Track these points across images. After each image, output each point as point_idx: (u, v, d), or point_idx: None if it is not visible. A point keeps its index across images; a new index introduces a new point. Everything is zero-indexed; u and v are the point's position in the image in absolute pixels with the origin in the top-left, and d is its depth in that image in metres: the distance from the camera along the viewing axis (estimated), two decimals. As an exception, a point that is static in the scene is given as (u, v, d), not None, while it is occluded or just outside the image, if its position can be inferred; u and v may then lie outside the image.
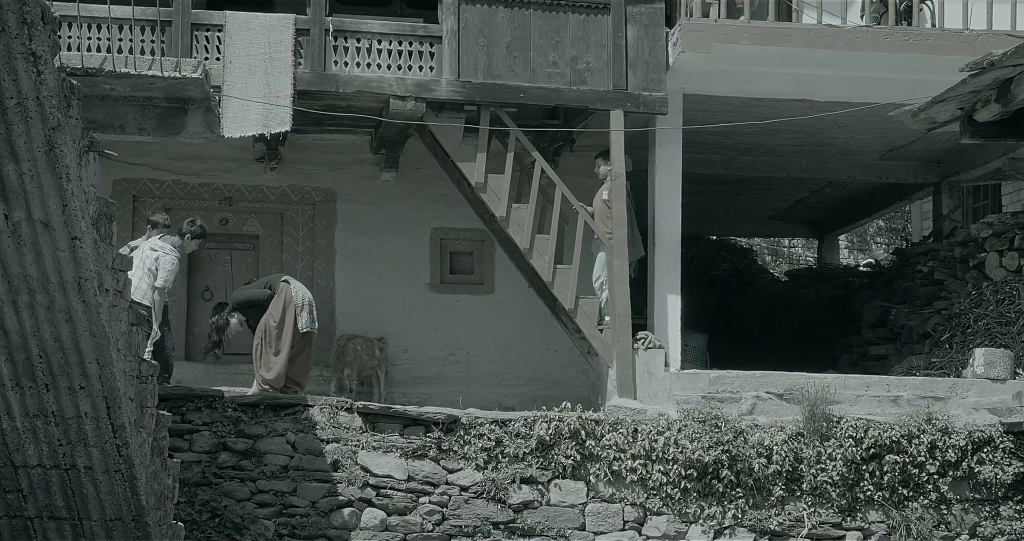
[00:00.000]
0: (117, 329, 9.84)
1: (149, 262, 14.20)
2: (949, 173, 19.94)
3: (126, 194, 17.10)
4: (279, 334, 14.66)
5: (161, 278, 14.24)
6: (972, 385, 15.35)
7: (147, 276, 14.13)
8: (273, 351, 14.65)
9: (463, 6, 15.37)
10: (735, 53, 15.43)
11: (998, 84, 12.89)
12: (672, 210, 16.00)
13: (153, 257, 14.26)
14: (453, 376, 17.41)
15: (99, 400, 9.95)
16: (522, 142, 15.66)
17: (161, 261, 14.29)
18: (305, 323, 14.73)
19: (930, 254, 19.01)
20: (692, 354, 16.85)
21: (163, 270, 14.27)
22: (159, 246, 14.38)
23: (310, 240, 17.50)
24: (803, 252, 33.43)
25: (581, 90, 15.52)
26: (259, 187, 17.56)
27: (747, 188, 21.94)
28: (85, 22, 14.36)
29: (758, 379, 15.31)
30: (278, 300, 14.73)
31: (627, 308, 15.37)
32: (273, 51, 14.92)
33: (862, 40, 15.46)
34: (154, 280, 14.19)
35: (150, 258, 14.23)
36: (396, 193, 17.61)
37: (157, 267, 14.22)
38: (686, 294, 16.21)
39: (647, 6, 15.66)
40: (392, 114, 15.26)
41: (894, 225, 31.77)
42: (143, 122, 14.02)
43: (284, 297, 14.74)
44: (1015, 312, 16.32)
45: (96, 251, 9.26)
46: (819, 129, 17.54)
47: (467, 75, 15.33)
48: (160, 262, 14.27)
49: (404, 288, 17.59)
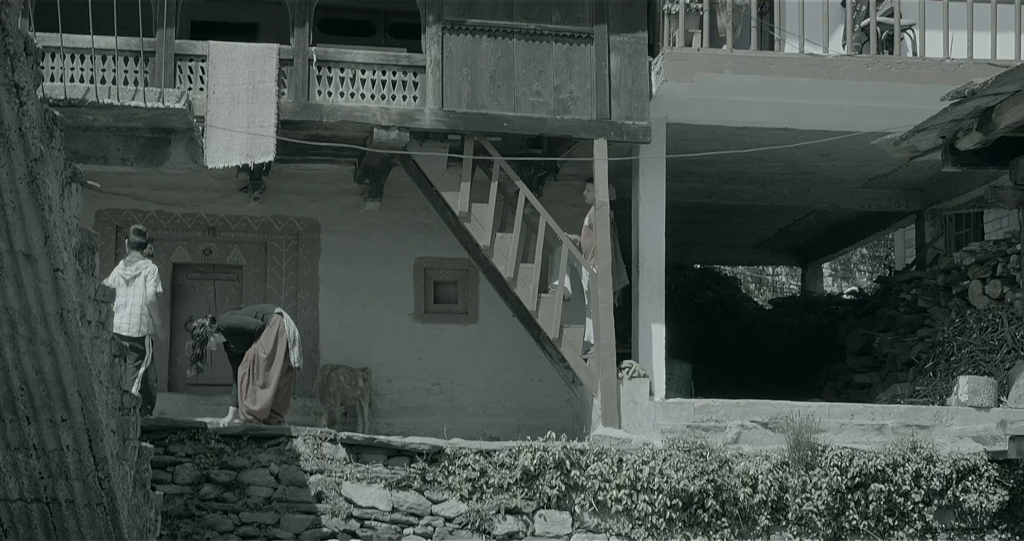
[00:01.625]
0: (99, 361, 9.80)
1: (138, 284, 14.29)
2: (932, 201, 19.99)
3: (109, 224, 17.06)
4: (268, 366, 14.61)
5: (155, 285, 14.34)
6: (956, 413, 15.34)
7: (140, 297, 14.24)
8: (261, 383, 14.60)
9: (447, 36, 15.40)
10: (718, 82, 15.46)
11: (979, 113, 12.95)
12: (656, 239, 16.00)
13: (141, 275, 14.34)
14: (437, 406, 17.37)
15: (81, 433, 9.91)
16: (506, 171, 15.67)
17: (146, 272, 14.38)
18: (296, 358, 14.72)
19: (913, 282, 19.03)
20: (677, 383, 16.83)
21: (151, 277, 14.35)
22: (139, 265, 14.44)
23: (294, 270, 17.47)
24: (787, 280, 33.48)
25: (565, 119, 15.54)
26: (242, 217, 17.53)
27: (731, 216, 21.97)
28: (68, 53, 14.35)
29: (743, 408, 15.30)
30: (271, 332, 14.68)
31: (611, 337, 15.35)
32: (257, 81, 14.91)
33: (844, 69, 15.51)
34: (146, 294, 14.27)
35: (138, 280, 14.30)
36: (380, 223, 17.59)
37: (144, 282, 14.31)
38: (670, 323, 16.19)
39: (630, 35, 15.69)
40: (376, 144, 15.26)
41: (877, 253, 31.83)
42: (126, 153, 14.01)
43: (277, 329, 14.70)
44: (998, 340, 16.32)
45: (78, 282, 9.23)
46: (802, 157, 17.58)
47: (451, 105, 15.34)
48: (145, 273, 14.36)
49: (388, 318, 17.56)
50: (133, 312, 14.24)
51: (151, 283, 14.38)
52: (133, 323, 14.22)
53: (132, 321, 14.22)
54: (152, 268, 14.51)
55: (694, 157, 16.57)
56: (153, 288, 14.38)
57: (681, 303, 21.65)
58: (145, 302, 14.32)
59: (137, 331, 14.23)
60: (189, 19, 16.79)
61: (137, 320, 14.26)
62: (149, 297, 14.34)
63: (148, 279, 14.39)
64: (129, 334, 14.04)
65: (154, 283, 14.40)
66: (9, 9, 7.61)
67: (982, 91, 12.35)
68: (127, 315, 14.14)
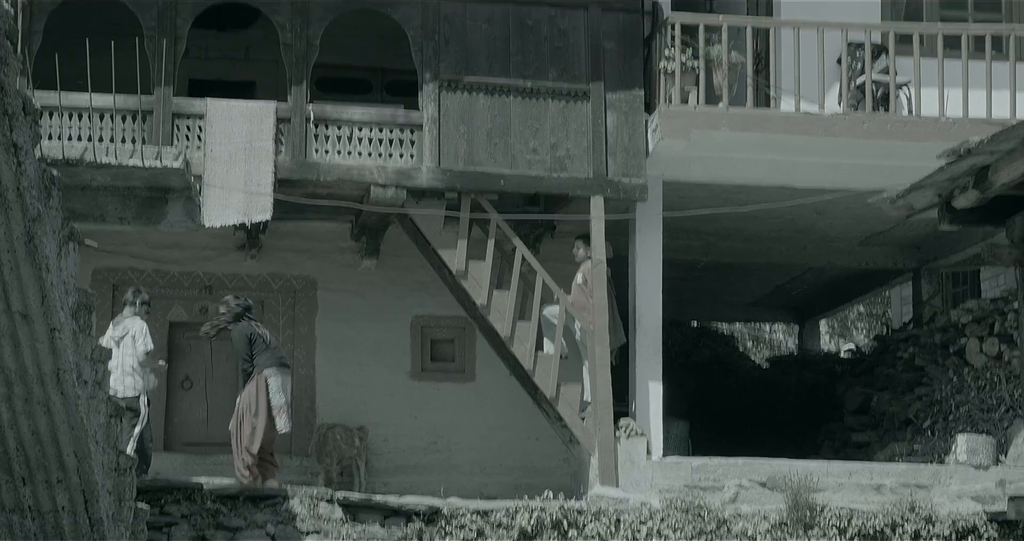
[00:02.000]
0: (95, 421, 9.75)
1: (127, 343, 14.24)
2: (928, 259, 19.99)
3: (106, 283, 17.04)
4: (255, 413, 14.35)
5: (144, 344, 14.25)
6: (955, 472, 15.29)
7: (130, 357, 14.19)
8: (250, 428, 14.34)
9: (444, 93, 15.45)
10: (714, 139, 15.50)
11: (975, 171, 12.95)
12: (653, 296, 15.99)
13: (129, 334, 14.30)
14: (434, 465, 17.29)
15: (77, 494, 9.85)
16: (503, 229, 15.68)
17: (134, 330, 14.30)
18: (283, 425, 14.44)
19: (910, 340, 18.99)
20: (674, 442, 16.76)
21: (140, 335, 14.27)
22: (126, 324, 14.40)
23: (290, 328, 17.43)
24: (784, 338, 33.43)
25: (561, 177, 15.57)
26: (239, 275, 17.52)
27: (727, 274, 21.96)
28: (66, 111, 14.40)
29: (740, 467, 15.24)
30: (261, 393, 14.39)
31: (608, 395, 15.31)
32: (254, 139, 14.95)
33: (840, 127, 15.56)
34: (136, 353, 14.20)
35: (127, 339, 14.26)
36: (377, 281, 17.58)
37: (133, 341, 14.24)
38: (667, 381, 16.16)
39: (626, 93, 15.75)
40: (373, 202, 15.28)
41: (874, 311, 31.81)
42: (123, 211, 13.98)
43: (265, 388, 14.43)
44: (996, 398, 16.29)
45: (75, 342, 9.19)
46: (798, 215, 17.59)
47: (448, 162, 15.37)
48: (133, 332, 14.29)
49: (385, 376, 17.51)
50: (125, 372, 14.19)
51: (140, 341, 14.32)
52: (127, 383, 14.17)
53: (126, 381, 14.16)
54: (140, 326, 14.44)
55: (691, 215, 16.59)
56: (143, 346, 14.30)
57: (678, 361, 21.59)
58: (136, 361, 14.27)
59: (132, 391, 14.18)
60: (187, 77, 16.89)
61: (131, 380, 14.21)
62: (140, 355, 14.29)
63: (137, 337, 14.33)
64: (124, 394, 14.00)
65: (143, 341, 14.33)
66: (8, 68, 7.62)
67: (978, 149, 12.36)
68: (120, 375, 14.09)
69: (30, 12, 14.66)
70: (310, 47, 15.33)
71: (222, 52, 18.42)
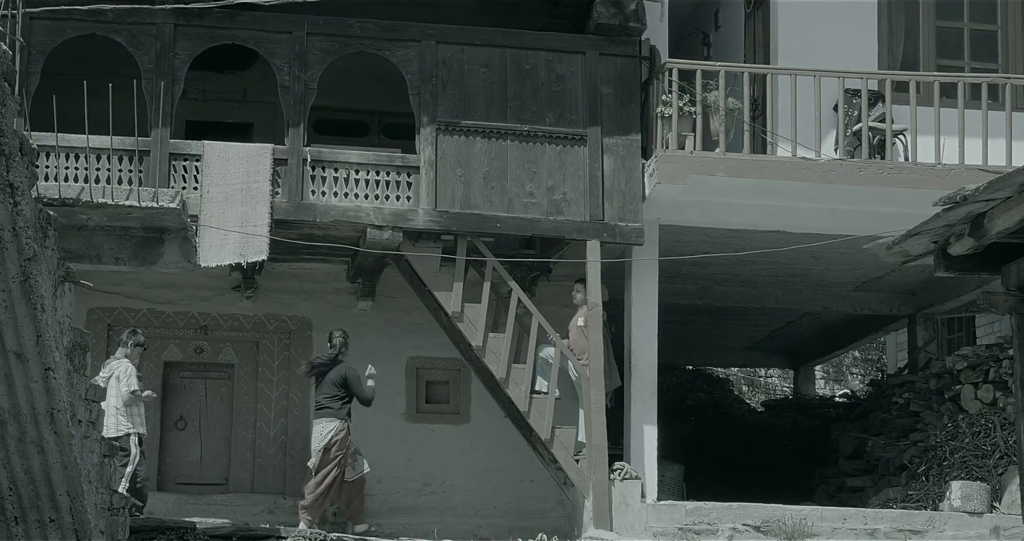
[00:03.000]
0: (89, 461, 9.74)
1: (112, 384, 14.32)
2: (924, 305, 20.01)
3: (100, 323, 17.04)
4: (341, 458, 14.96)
5: (127, 384, 14.34)
6: (949, 518, 15.26)
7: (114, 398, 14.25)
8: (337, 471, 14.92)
9: (441, 136, 15.50)
10: (711, 184, 15.54)
11: (971, 218, 12.97)
12: (648, 340, 16.00)
13: (114, 375, 14.41)
14: (428, 507, 17.25)
15: (69, 533, 9.83)
16: (499, 272, 15.70)
17: (118, 371, 14.42)
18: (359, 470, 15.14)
19: (906, 386, 19.00)
20: (668, 485, 16.74)
21: (124, 376, 14.38)
22: (112, 366, 14.53)
23: (286, 369, 17.42)
24: (779, 382, 33.42)
25: (558, 220, 15.60)
26: (235, 316, 17.52)
27: (723, 318, 21.99)
28: (63, 152, 14.43)
29: (735, 511, 15.22)
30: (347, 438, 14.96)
31: (603, 438, 15.30)
32: (251, 180, 14.98)
33: (836, 173, 15.60)
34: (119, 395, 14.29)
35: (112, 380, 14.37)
36: (372, 322, 17.58)
37: (118, 382, 14.34)
38: (662, 424, 16.15)
39: (623, 138, 15.80)
40: (369, 243, 15.30)
41: (869, 356, 31.82)
42: (119, 252, 13.97)
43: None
44: (991, 445, 16.27)
45: (69, 382, 9.20)
46: (794, 260, 17.62)
47: (444, 205, 15.41)
48: (118, 373, 14.40)
49: (379, 418, 17.45)
50: (109, 413, 14.19)
51: (124, 382, 14.38)
52: (110, 424, 14.15)
53: (109, 421, 14.15)
54: (125, 366, 14.51)
55: (687, 259, 16.61)
56: (125, 386, 14.36)
57: (673, 404, 21.60)
58: (120, 402, 14.31)
59: (115, 431, 14.19)
60: (184, 119, 16.95)
61: (114, 421, 14.22)
62: (124, 395, 14.33)
63: (121, 378, 14.40)
64: (107, 435, 13.98)
65: (127, 381, 14.39)
66: (5, 109, 7.65)
67: (974, 197, 12.38)
68: (106, 416, 14.09)
69: (28, 53, 14.70)
70: (308, 89, 15.38)
71: (220, 94, 18.48)
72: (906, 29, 17.12)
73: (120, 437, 14.18)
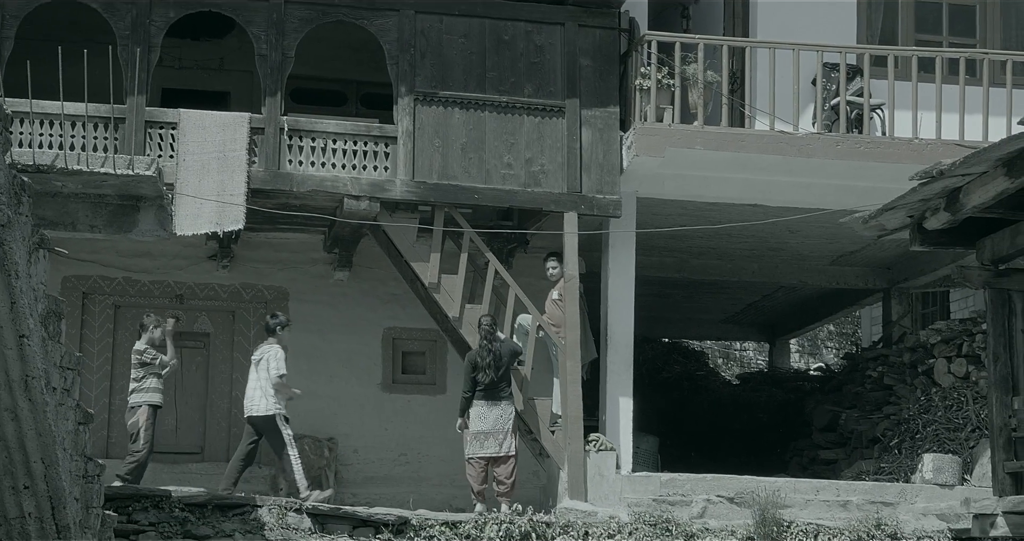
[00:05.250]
0: (64, 428, 9.72)
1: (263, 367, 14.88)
2: (899, 279, 20.09)
3: (75, 291, 16.99)
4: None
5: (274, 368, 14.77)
6: (921, 491, 15.35)
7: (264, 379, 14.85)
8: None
9: (419, 107, 15.46)
10: (689, 157, 15.55)
11: (947, 193, 13.03)
12: (625, 312, 16.02)
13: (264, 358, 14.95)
14: (404, 476, 17.28)
15: (44, 500, 9.81)
16: (476, 243, 15.69)
17: (268, 355, 14.88)
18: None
19: (880, 359, 19.09)
20: (643, 457, 16.79)
21: (273, 360, 14.82)
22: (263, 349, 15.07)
23: (261, 339, 17.37)
24: (754, 355, 33.52)
25: (535, 192, 15.59)
26: (211, 285, 17.49)
27: (699, 291, 22.03)
28: (38, 118, 14.36)
29: (709, 482, 15.28)
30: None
31: (579, 410, 15.33)
32: (227, 149, 14.93)
33: (814, 147, 15.62)
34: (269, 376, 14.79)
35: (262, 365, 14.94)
36: (349, 292, 17.57)
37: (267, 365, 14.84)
38: (638, 396, 16.18)
39: (602, 110, 15.79)
40: (346, 213, 15.27)
41: (844, 330, 31.94)
42: (94, 219, 13.96)
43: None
44: (963, 418, 16.37)
45: (44, 349, 9.17)
46: (771, 234, 17.66)
47: (422, 175, 15.38)
48: (268, 356, 14.88)
49: (355, 388, 17.50)
50: (256, 394, 14.79)
51: (273, 365, 14.77)
52: (259, 405, 14.75)
53: (257, 401, 14.77)
54: (275, 351, 14.90)
55: (664, 232, 16.63)
56: (275, 370, 14.75)
57: (649, 377, 21.66)
58: (268, 384, 14.75)
59: (264, 411, 14.67)
60: (160, 86, 16.87)
61: (263, 402, 14.73)
62: (272, 379, 14.74)
63: (270, 362, 14.80)
64: (256, 413, 14.73)
65: (275, 365, 14.76)
66: (-19, 75, 7.63)
67: (950, 171, 12.44)
68: (254, 396, 14.80)
69: (1, 18, 14.63)
70: (285, 58, 15.32)
71: (196, 62, 18.40)
72: (885, 3, 17.16)
73: (268, 417, 14.64)
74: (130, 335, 16.80)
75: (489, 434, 14.86)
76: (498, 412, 14.90)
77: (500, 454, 14.86)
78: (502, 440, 14.86)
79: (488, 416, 14.88)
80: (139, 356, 14.87)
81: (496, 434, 14.86)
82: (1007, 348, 13.81)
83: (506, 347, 15.08)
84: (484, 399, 14.89)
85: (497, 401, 14.90)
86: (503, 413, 14.92)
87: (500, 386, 14.93)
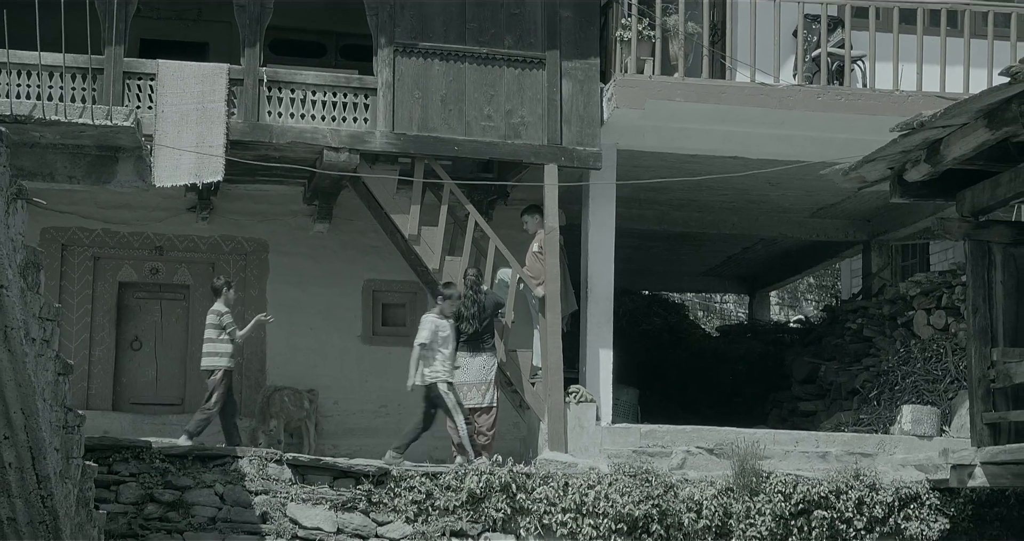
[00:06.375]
0: (43, 379, 9.71)
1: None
2: (879, 232, 20.13)
3: (54, 242, 16.94)
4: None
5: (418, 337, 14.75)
6: (899, 442, 15.45)
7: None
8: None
9: (398, 58, 15.40)
10: (669, 109, 15.53)
11: (928, 145, 13.06)
12: (605, 265, 16.04)
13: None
14: (384, 428, 17.28)
15: (24, 450, 9.81)
16: (456, 195, 15.68)
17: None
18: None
19: (859, 311, 19.15)
20: (623, 408, 16.85)
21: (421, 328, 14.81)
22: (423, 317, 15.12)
23: (241, 291, 17.35)
24: (734, 308, 33.61)
25: (515, 144, 15.56)
26: (190, 237, 17.46)
27: (680, 244, 22.04)
28: (15, 69, 14.27)
29: (688, 434, 15.35)
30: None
31: (559, 362, 15.37)
32: (206, 100, 14.87)
33: (794, 99, 15.61)
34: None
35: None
36: (329, 244, 17.55)
37: None
38: (618, 348, 16.22)
39: (582, 62, 15.74)
40: (326, 165, 15.23)
41: (824, 282, 32.03)
42: (72, 170, 13.85)
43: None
44: (942, 370, 16.44)
45: (23, 300, 9.15)
46: (751, 186, 17.66)
47: (402, 127, 15.34)
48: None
49: (336, 340, 17.51)
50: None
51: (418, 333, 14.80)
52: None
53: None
54: (423, 318, 14.93)
55: (644, 184, 16.62)
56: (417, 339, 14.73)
57: (629, 329, 21.70)
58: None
59: (421, 380, 14.73)
60: (138, 37, 16.77)
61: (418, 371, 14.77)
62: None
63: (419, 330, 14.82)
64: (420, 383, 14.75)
65: (418, 334, 14.75)
66: (-43, 24, 7.57)
67: (931, 123, 12.45)
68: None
69: (-23, -32, 14.51)
70: (264, 9, 15.24)
71: (174, 12, 18.27)
72: (866, -46, 17.07)
73: (427, 386, 14.70)
74: (110, 287, 16.80)
75: (472, 385, 14.89)
76: (480, 362, 14.94)
77: (483, 405, 14.91)
78: (484, 391, 14.92)
79: (470, 366, 14.92)
80: (219, 317, 14.84)
81: (479, 385, 14.91)
82: (986, 300, 13.89)
83: (490, 299, 15.11)
84: (466, 349, 14.92)
85: (479, 352, 14.95)
86: (485, 364, 14.96)
87: (483, 337, 14.97)
